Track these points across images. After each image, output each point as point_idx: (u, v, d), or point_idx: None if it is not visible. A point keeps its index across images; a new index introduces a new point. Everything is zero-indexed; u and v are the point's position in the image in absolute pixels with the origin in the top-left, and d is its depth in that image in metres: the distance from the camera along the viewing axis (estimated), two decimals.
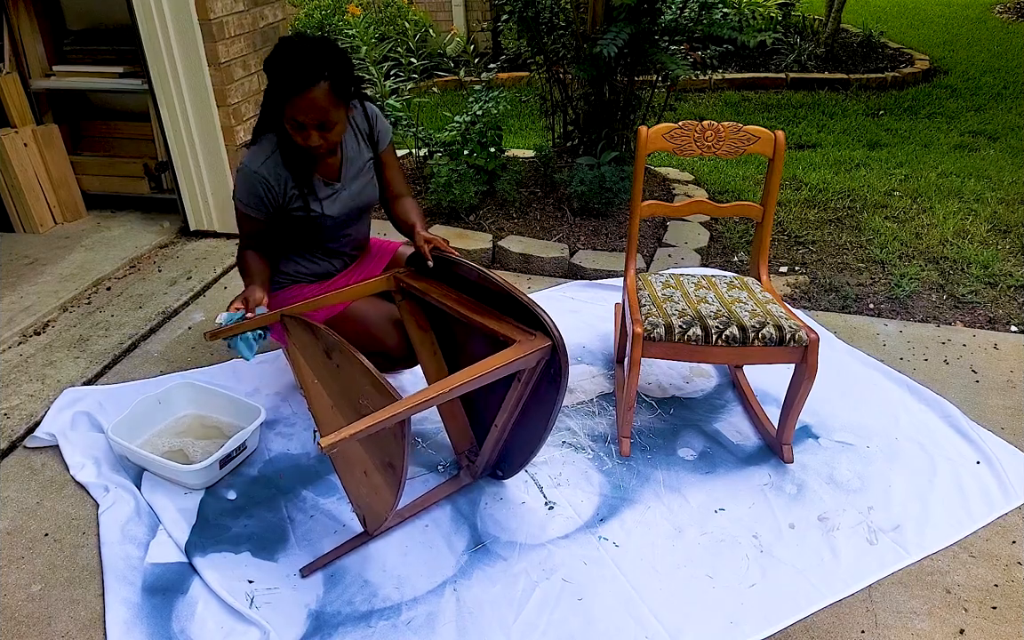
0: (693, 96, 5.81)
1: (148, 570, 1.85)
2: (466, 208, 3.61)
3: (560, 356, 1.73)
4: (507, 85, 5.11)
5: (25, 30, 3.49)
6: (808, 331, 2.00)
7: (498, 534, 1.95)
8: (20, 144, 3.45)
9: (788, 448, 2.17)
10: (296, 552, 1.90)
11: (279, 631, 1.69)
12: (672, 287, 2.25)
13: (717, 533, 1.96)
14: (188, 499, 2.05)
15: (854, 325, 2.86)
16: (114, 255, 3.37)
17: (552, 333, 1.72)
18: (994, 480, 2.10)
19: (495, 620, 1.72)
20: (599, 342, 2.76)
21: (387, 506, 1.72)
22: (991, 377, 2.54)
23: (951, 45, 7.09)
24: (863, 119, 5.23)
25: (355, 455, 1.80)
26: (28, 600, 1.79)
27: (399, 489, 1.64)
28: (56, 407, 2.37)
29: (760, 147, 2.20)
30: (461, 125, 3.70)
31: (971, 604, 1.77)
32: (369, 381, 1.61)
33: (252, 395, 2.45)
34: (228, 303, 2.01)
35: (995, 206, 3.75)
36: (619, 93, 3.75)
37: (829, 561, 1.87)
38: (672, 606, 1.76)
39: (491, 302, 1.88)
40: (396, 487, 1.65)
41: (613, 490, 2.09)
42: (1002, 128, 4.94)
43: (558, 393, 1.78)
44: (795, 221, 3.68)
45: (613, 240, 3.45)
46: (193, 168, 3.37)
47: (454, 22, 6.79)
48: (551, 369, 1.78)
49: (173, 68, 3.16)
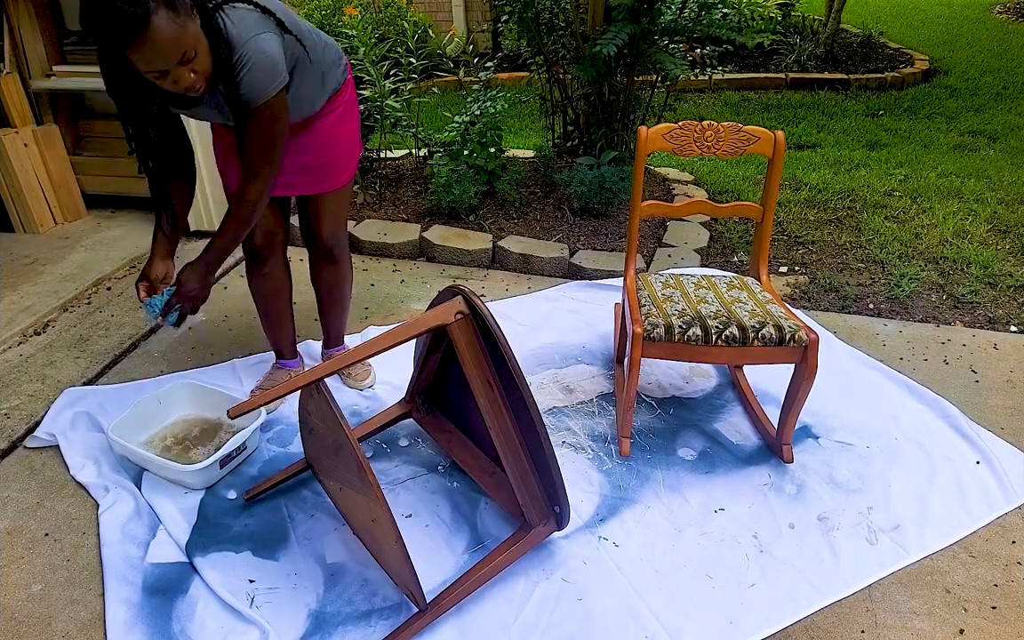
0: (693, 96, 5.81)
1: (148, 570, 1.85)
2: (466, 208, 3.62)
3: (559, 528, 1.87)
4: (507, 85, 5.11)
5: (25, 30, 3.49)
6: (808, 331, 2.01)
7: (498, 534, 1.95)
8: (20, 144, 3.45)
9: (788, 448, 2.17)
10: (297, 551, 1.90)
11: (279, 631, 1.69)
12: (672, 287, 2.25)
13: (717, 533, 1.96)
14: (188, 499, 2.05)
15: (854, 325, 2.86)
16: (114, 255, 3.37)
17: (560, 522, 1.84)
18: (994, 480, 2.10)
19: (495, 620, 1.72)
20: (599, 342, 2.76)
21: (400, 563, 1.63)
22: (991, 377, 2.54)
23: (951, 45, 7.09)
24: (863, 119, 5.23)
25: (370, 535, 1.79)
26: (28, 600, 1.79)
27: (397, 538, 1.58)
28: (56, 407, 2.37)
29: (760, 147, 2.20)
30: (461, 125, 3.70)
31: (971, 604, 1.77)
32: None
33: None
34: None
35: (995, 206, 3.75)
36: (619, 93, 3.75)
37: (829, 561, 1.87)
38: (672, 606, 1.76)
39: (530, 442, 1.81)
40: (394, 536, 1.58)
41: (613, 490, 2.09)
42: (1002, 128, 4.94)
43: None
44: (795, 221, 3.68)
45: (613, 240, 3.45)
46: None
47: (454, 22, 6.79)
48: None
49: None
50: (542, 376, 2.57)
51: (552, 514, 1.84)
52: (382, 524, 1.58)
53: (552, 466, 1.74)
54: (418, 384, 2.19)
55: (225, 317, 2.95)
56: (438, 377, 2.17)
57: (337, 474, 1.79)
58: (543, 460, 1.75)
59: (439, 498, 2.07)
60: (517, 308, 2.97)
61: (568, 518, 1.83)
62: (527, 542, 1.83)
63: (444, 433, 2.16)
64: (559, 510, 1.82)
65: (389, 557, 1.67)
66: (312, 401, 1.77)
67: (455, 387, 2.10)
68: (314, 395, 1.72)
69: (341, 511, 1.92)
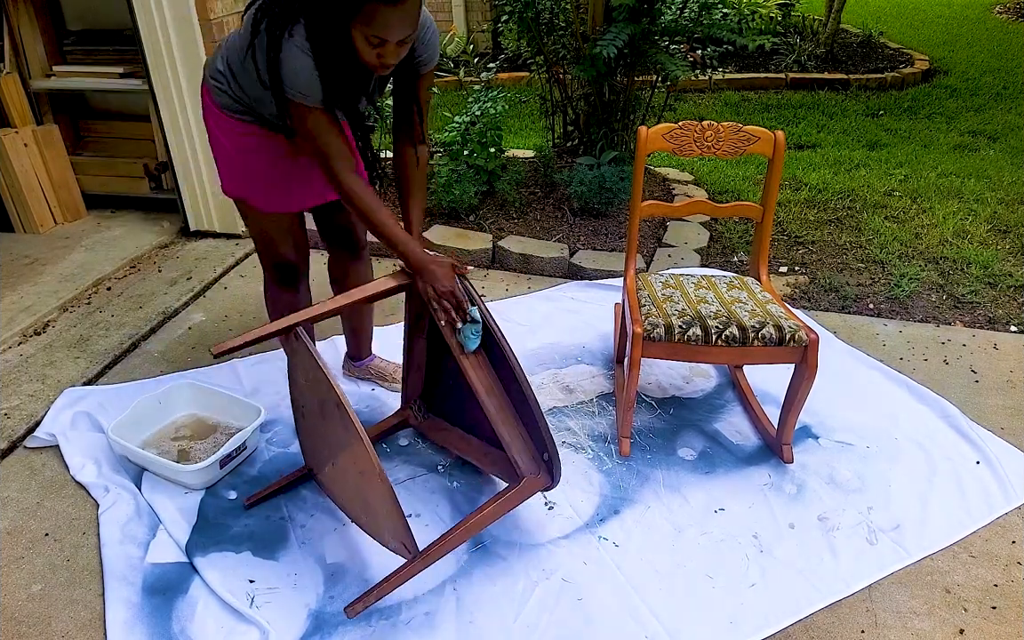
0: (693, 96, 5.81)
1: (148, 570, 1.85)
2: (466, 208, 3.62)
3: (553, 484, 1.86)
4: (507, 85, 5.11)
5: (25, 30, 3.49)
6: (808, 331, 2.00)
7: (498, 534, 1.95)
8: (20, 144, 3.45)
9: (788, 448, 2.17)
10: (297, 551, 1.90)
11: (279, 631, 1.69)
12: (672, 287, 2.25)
13: (717, 533, 1.96)
14: (188, 499, 2.05)
15: (854, 325, 2.86)
16: (114, 255, 3.37)
17: (554, 473, 1.83)
18: (994, 480, 2.10)
19: (495, 620, 1.72)
20: (599, 342, 2.76)
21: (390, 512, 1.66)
22: (991, 377, 2.54)
23: (951, 45, 7.09)
24: (863, 119, 5.23)
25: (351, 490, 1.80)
26: (28, 600, 1.79)
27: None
28: (56, 407, 2.37)
29: (760, 147, 2.20)
30: (461, 125, 3.70)
31: (971, 604, 1.77)
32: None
33: (252, 395, 2.45)
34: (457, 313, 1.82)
35: (995, 206, 3.75)
36: (619, 93, 3.75)
37: (829, 561, 1.87)
38: (672, 606, 1.76)
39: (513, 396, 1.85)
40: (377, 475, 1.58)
41: (613, 490, 2.09)
42: (1002, 128, 4.94)
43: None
44: (795, 221, 3.68)
45: (613, 240, 3.45)
46: (193, 168, 3.37)
47: (454, 22, 6.79)
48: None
49: (173, 68, 3.16)
50: (542, 376, 2.57)
51: (542, 463, 1.84)
52: (368, 472, 1.58)
53: (536, 414, 1.77)
54: (412, 385, 2.20)
55: (225, 317, 2.95)
56: (432, 379, 2.17)
57: (328, 441, 1.79)
58: (528, 411, 1.79)
59: (439, 498, 2.07)
60: (517, 308, 2.97)
61: (559, 472, 1.83)
62: (519, 493, 1.81)
63: (442, 432, 2.17)
64: (548, 458, 1.82)
65: (378, 507, 1.66)
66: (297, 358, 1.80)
67: (450, 384, 2.10)
68: (297, 349, 1.74)
69: (335, 497, 1.91)
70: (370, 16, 1.51)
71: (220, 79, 1.84)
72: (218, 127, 1.92)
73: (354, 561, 1.87)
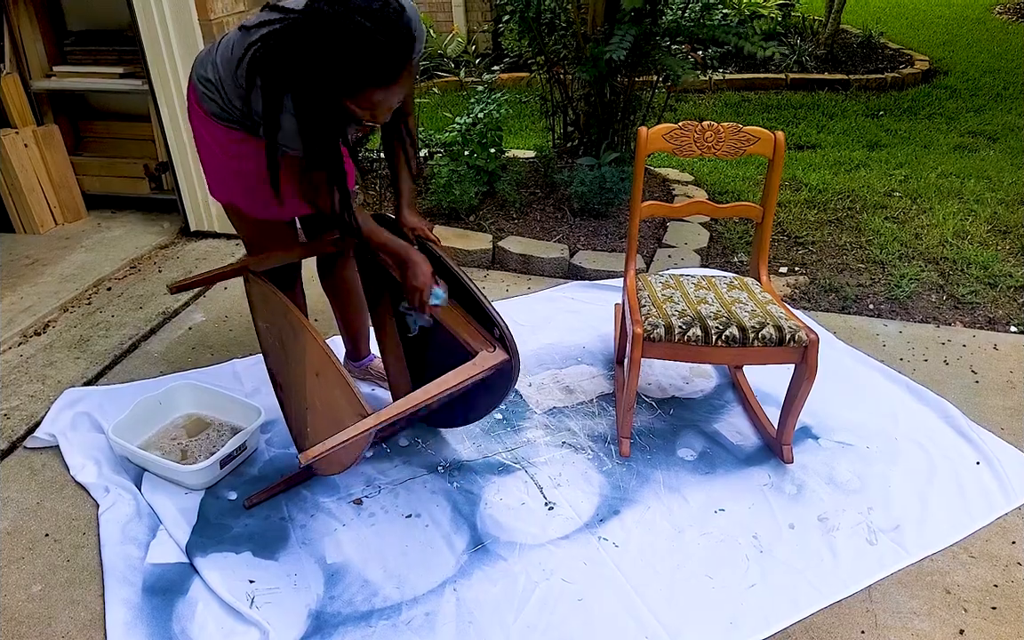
0: (693, 97, 5.81)
1: (148, 571, 1.85)
2: (466, 209, 3.62)
3: (514, 369, 1.84)
4: (508, 86, 5.11)
5: (25, 30, 3.49)
6: (808, 331, 2.01)
7: (498, 534, 1.95)
8: (20, 145, 3.45)
9: (788, 448, 2.17)
10: (297, 551, 1.90)
11: (279, 631, 1.69)
12: (672, 287, 2.25)
13: (717, 533, 1.96)
14: (188, 499, 2.05)
15: (854, 325, 2.86)
16: (114, 256, 3.37)
17: (509, 348, 1.82)
18: (994, 480, 2.10)
19: (495, 620, 1.72)
20: (599, 342, 2.76)
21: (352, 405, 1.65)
22: (991, 377, 2.54)
23: (951, 46, 7.09)
24: (863, 120, 5.23)
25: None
26: (28, 600, 1.79)
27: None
28: (56, 407, 2.37)
29: (760, 148, 2.21)
30: (462, 126, 3.70)
31: (971, 604, 1.77)
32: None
33: (252, 395, 2.45)
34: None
35: (995, 207, 3.75)
36: (619, 94, 3.75)
37: (829, 561, 1.87)
38: (672, 606, 1.76)
39: (460, 297, 1.96)
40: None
41: (613, 490, 2.09)
42: (1002, 129, 4.94)
43: (507, 390, 1.92)
44: (795, 222, 3.68)
45: (613, 240, 3.45)
46: (193, 168, 3.37)
47: (454, 23, 6.79)
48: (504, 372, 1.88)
49: (173, 68, 3.16)
50: (542, 376, 2.58)
51: (493, 339, 1.86)
52: (325, 370, 1.61)
53: (475, 292, 1.87)
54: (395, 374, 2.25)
55: (226, 317, 2.95)
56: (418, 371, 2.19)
57: (292, 372, 1.82)
58: (468, 297, 1.90)
59: (439, 498, 2.07)
60: (517, 308, 2.97)
61: (515, 345, 1.82)
62: (473, 365, 1.79)
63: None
64: (499, 335, 1.83)
65: (336, 396, 1.66)
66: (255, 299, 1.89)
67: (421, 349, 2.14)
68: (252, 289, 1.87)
69: (307, 433, 1.89)
70: (367, 98, 1.54)
71: (210, 89, 1.82)
72: (207, 132, 1.91)
73: (354, 561, 1.88)
